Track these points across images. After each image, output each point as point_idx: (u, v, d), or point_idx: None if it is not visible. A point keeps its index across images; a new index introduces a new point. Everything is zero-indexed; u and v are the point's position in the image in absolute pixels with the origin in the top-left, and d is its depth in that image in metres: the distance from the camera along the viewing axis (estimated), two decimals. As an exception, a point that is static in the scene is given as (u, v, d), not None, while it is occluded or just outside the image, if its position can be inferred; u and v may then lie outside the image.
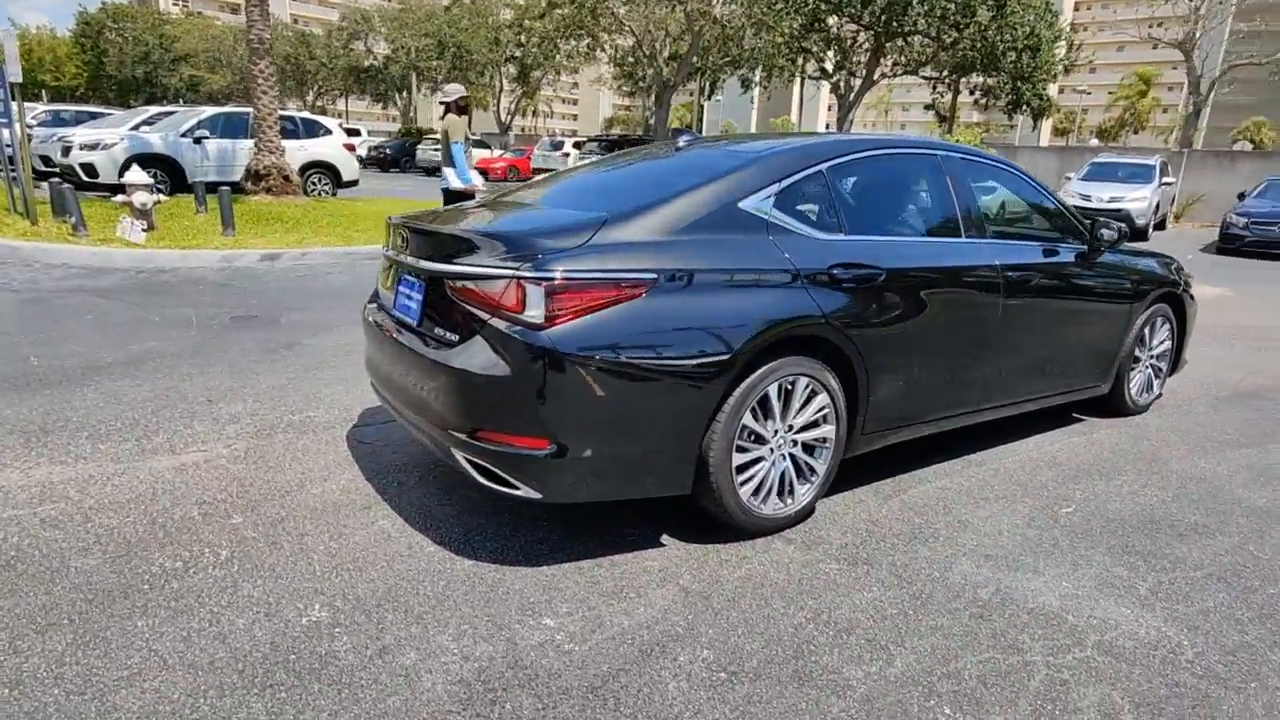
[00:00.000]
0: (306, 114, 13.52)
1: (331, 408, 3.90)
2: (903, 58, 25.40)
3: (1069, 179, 17.29)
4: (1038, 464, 3.62)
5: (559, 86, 39.68)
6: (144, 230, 7.76)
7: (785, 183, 2.79)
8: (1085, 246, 3.80)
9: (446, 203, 6.88)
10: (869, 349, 2.82)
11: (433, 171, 29.90)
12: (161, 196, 9.19)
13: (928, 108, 30.93)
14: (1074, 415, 4.33)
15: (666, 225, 2.52)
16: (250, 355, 4.71)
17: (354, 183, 14.89)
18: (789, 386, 2.66)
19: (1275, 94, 58.31)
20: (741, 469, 2.62)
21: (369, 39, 41.18)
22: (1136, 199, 15.16)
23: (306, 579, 2.37)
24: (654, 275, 2.36)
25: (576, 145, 25.57)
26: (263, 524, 2.70)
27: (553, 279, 2.24)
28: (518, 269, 2.28)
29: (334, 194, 14.35)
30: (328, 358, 4.73)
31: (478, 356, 2.33)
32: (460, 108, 7.08)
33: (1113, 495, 3.29)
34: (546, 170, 25.70)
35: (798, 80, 27.32)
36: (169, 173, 12.35)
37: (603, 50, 24.84)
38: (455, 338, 2.45)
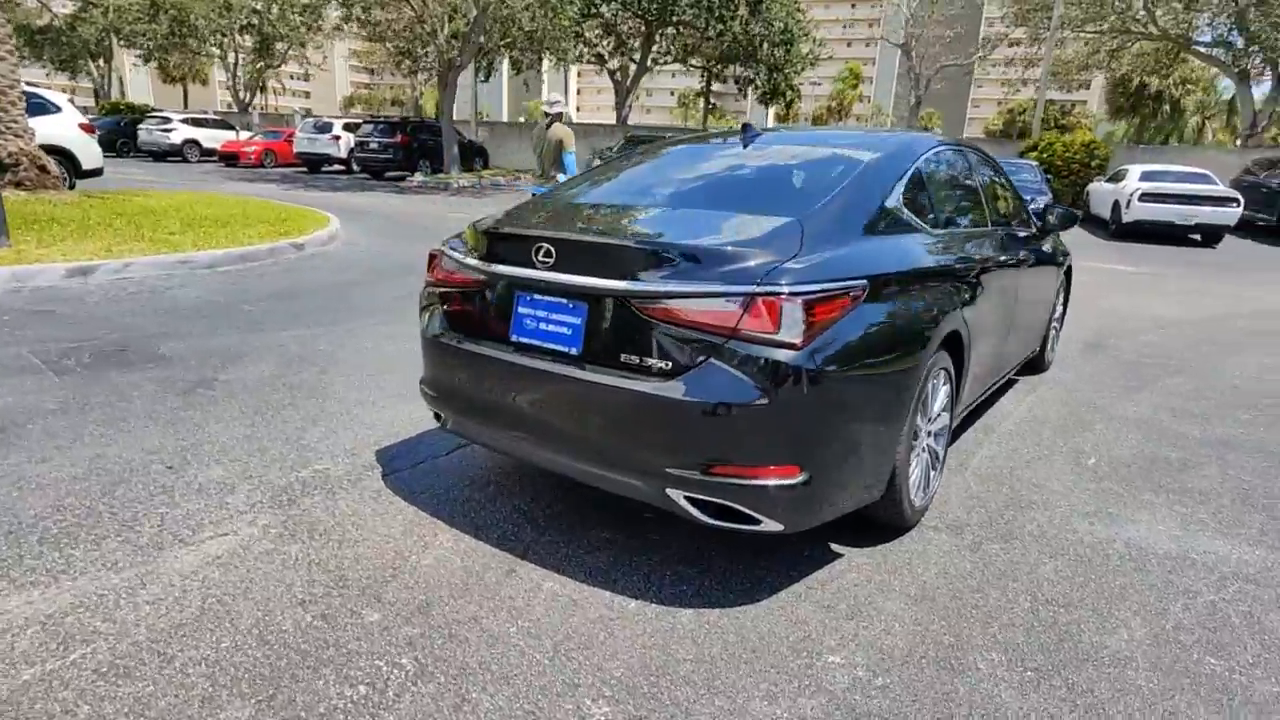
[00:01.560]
0: (25, 85, 10.64)
1: (335, 456, 3.23)
2: (674, 45, 26.63)
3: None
4: (1028, 422, 4.10)
5: (301, 61, 35.50)
6: None
7: (905, 179, 2.83)
8: (1036, 229, 4.34)
9: None
10: (974, 337, 2.99)
11: (162, 156, 25.43)
12: None
13: (673, 93, 32.72)
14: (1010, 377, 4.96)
15: (847, 227, 2.44)
16: (164, 402, 3.72)
17: (97, 172, 12.21)
18: (935, 380, 2.74)
19: (954, 90, 70.79)
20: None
21: (44, -8, 33.56)
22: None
23: (537, 671, 1.97)
24: (864, 281, 2.28)
25: (349, 128, 23.21)
26: (412, 616, 2.19)
27: (810, 293, 2.07)
28: (760, 284, 2.07)
29: (72, 186, 11.63)
30: (267, 395, 3.89)
31: (717, 385, 2.08)
32: (560, 116, 7.26)
33: (1105, 443, 3.84)
34: (316, 156, 23.09)
35: (572, 66, 27.45)
36: None
37: (356, 21, 22.78)
38: (667, 365, 2.16)
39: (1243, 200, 14.37)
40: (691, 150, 3.40)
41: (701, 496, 2.16)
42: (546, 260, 2.36)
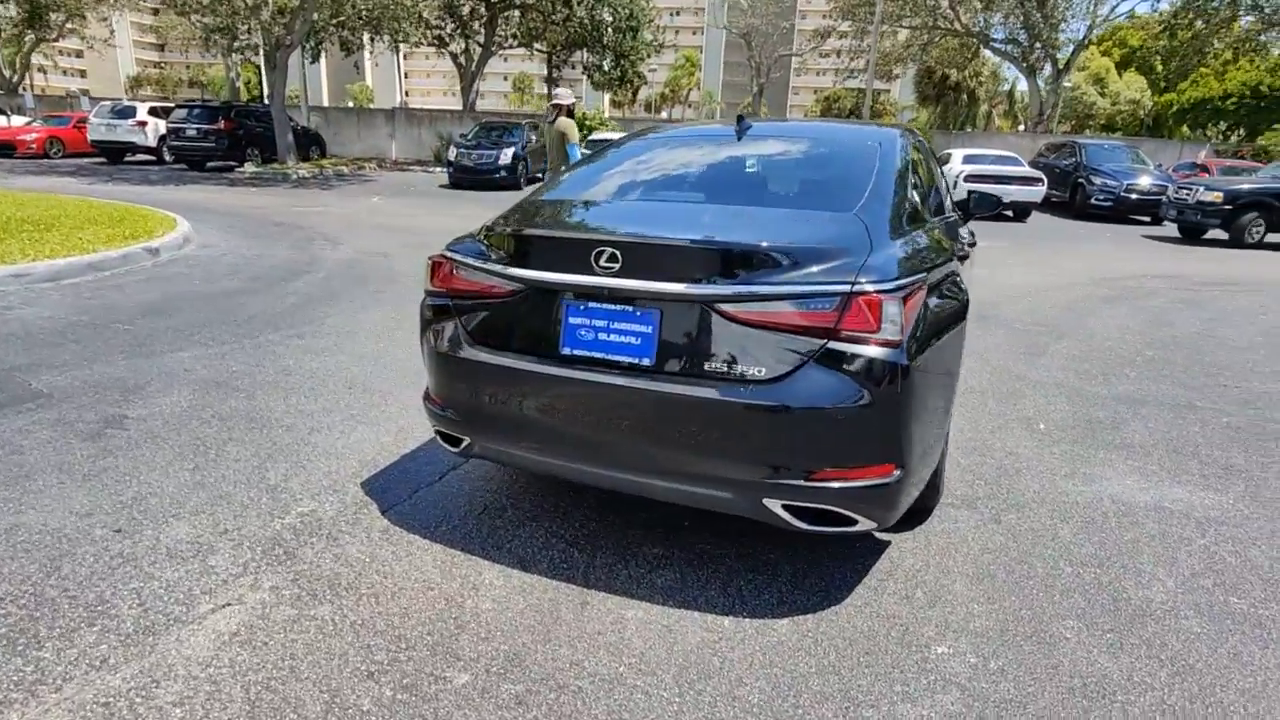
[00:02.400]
0: None
1: (317, 495, 2.84)
2: (519, 29, 25.96)
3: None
4: (971, 393, 4.41)
5: (80, 35, 30.79)
6: None
7: (908, 169, 2.90)
8: (959, 215, 4.64)
9: None
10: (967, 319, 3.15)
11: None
12: None
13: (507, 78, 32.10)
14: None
15: (894, 219, 2.45)
16: (70, 450, 3.08)
17: None
18: (956, 362, 2.85)
19: (778, 79, 74.72)
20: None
21: None
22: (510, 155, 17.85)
23: (674, 711, 1.84)
24: (925, 274, 2.31)
25: (155, 112, 20.46)
26: (506, 671, 1.96)
27: (901, 288, 2.05)
28: (856, 282, 2.03)
29: None
30: (197, 430, 3.35)
31: (820, 388, 2.02)
32: (569, 111, 7.40)
33: (1042, 409, 4.21)
34: (118, 145, 20.22)
35: (403, 48, 26.02)
36: None
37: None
38: (760, 372, 2.07)
39: (1045, 179, 16.43)
40: (693, 142, 3.28)
41: (800, 504, 2.10)
42: (611, 265, 2.17)
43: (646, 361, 2.17)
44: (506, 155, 17.48)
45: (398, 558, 2.46)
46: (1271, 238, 12.51)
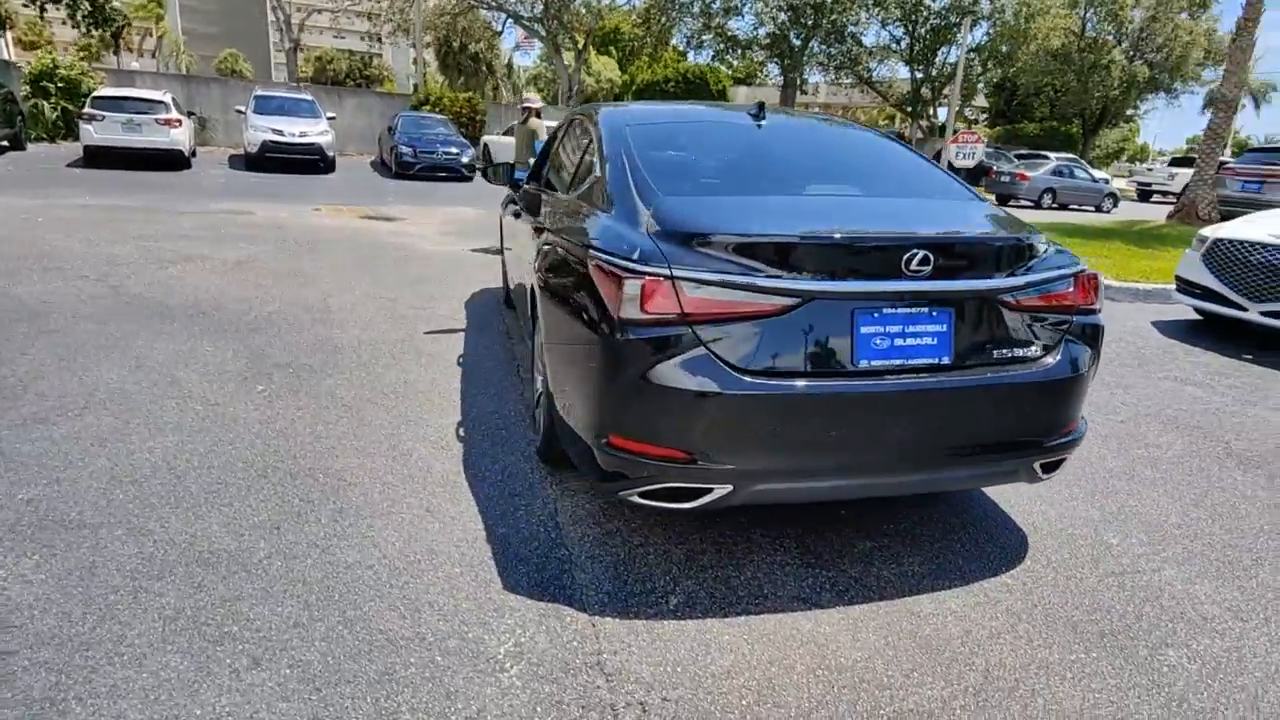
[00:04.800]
0: None
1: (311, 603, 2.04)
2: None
3: (240, 111, 16.83)
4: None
5: None
6: None
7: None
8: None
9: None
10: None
11: None
12: None
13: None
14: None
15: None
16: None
17: None
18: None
19: (236, 25, 65.54)
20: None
21: None
22: (322, 132, 16.29)
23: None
24: None
25: None
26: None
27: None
28: (1075, 263, 2.39)
29: None
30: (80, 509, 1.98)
31: (1078, 356, 2.35)
32: (538, 113, 8.39)
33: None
34: None
35: None
36: None
37: None
38: (1036, 351, 2.29)
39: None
40: (729, 128, 3.13)
41: (1054, 459, 2.41)
42: (922, 268, 2.09)
43: (945, 359, 2.19)
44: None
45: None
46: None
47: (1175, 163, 29.05)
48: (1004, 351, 2.29)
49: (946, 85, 31.35)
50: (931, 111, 33.99)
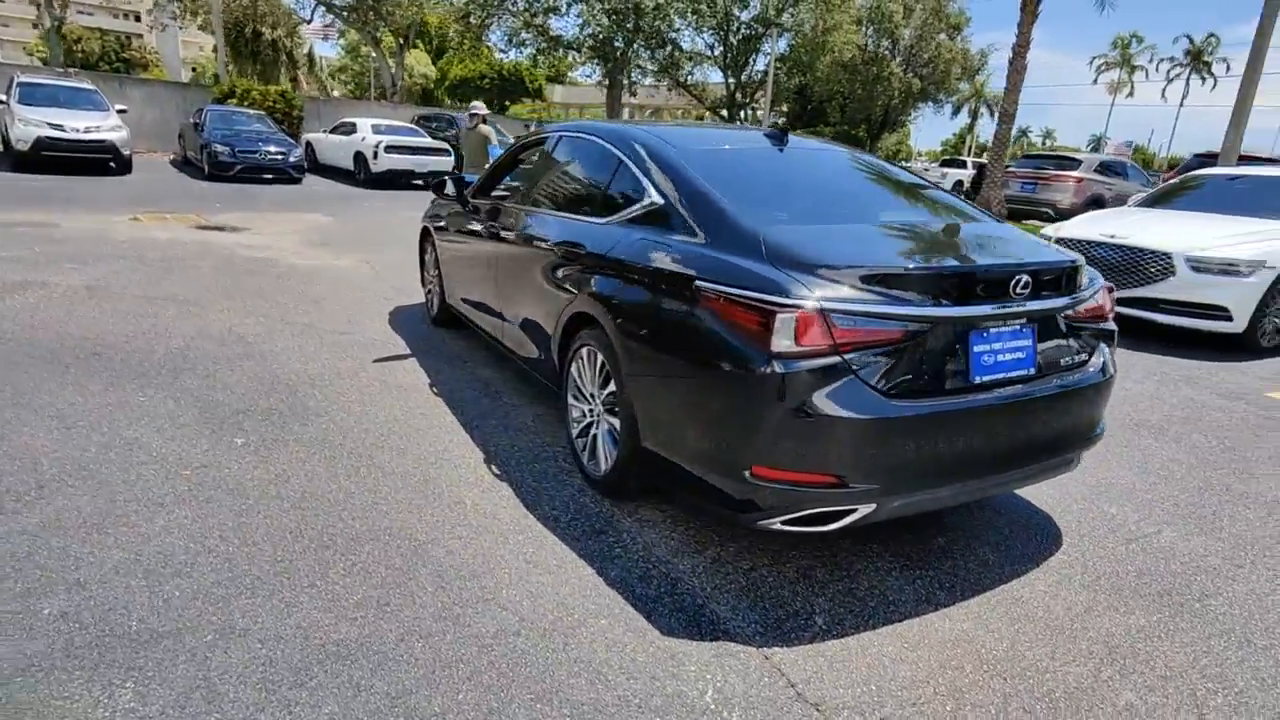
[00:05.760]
0: None
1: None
2: None
3: (2, 101, 14.11)
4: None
5: None
6: None
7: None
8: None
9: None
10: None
11: None
12: None
13: None
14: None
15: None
16: None
17: None
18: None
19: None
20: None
21: None
22: (115, 127, 14.16)
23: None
24: None
25: None
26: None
27: (1092, 278, 2.89)
28: (1098, 277, 2.78)
29: None
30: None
31: (1109, 357, 2.73)
32: (485, 119, 9.38)
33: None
34: None
35: None
36: None
37: None
38: (1086, 356, 2.64)
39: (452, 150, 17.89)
40: (759, 153, 3.23)
41: (1090, 448, 2.79)
42: (1023, 291, 2.35)
43: (1030, 370, 2.46)
44: None
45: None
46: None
47: (946, 163, 33.50)
48: (1067, 359, 2.61)
49: (757, 90, 33.59)
50: (744, 115, 36.26)
